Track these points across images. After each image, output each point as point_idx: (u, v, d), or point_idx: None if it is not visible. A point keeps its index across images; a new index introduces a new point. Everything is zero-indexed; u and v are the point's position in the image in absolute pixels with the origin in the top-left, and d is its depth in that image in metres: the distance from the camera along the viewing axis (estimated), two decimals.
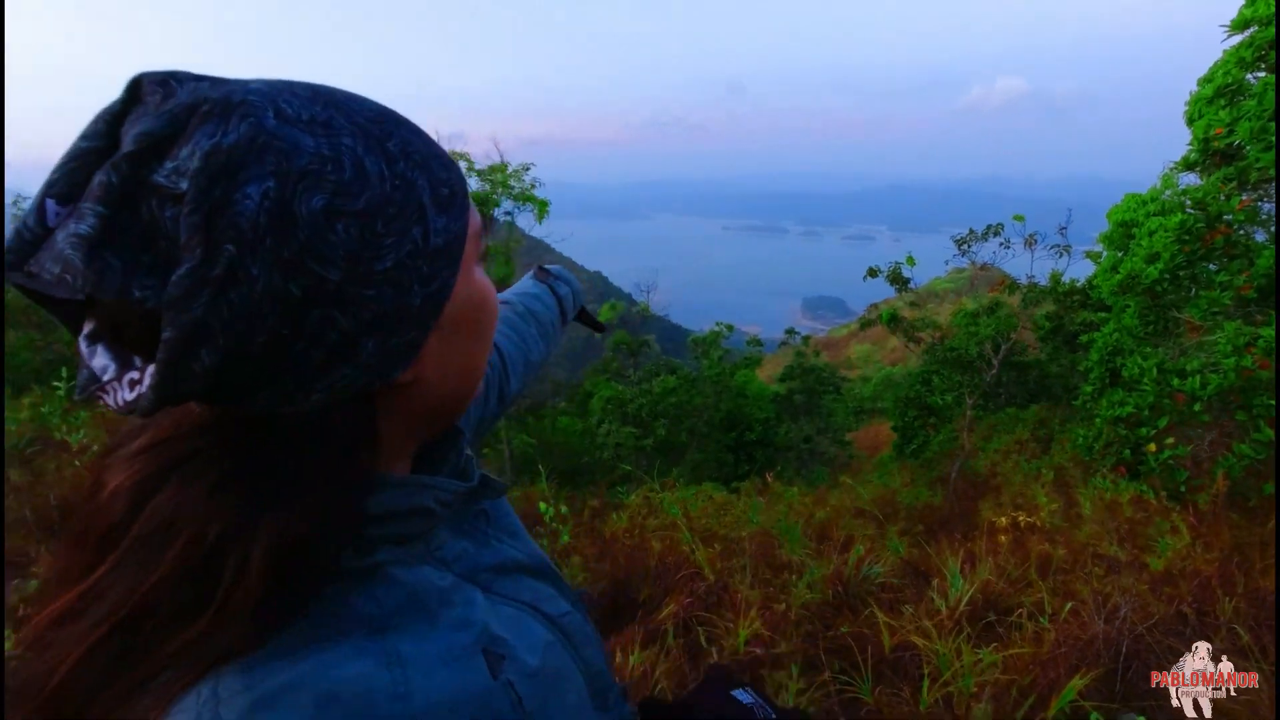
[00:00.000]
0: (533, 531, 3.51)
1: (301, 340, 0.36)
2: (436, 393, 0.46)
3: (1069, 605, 2.77)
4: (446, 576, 0.48)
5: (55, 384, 4.02)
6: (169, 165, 0.33)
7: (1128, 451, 5.10)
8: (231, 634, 0.35)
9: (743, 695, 0.67)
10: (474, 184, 11.05)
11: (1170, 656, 2.48)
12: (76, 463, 3.26)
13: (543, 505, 3.63)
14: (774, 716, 0.66)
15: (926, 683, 2.27)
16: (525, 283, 1.02)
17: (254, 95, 0.35)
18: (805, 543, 4.20)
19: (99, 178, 0.33)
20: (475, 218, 0.46)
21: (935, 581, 3.26)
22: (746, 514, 4.49)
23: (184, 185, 0.32)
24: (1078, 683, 2.21)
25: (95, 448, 3.83)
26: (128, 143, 0.33)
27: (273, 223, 0.33)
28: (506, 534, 0.59)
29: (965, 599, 2.95)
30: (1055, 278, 8.73)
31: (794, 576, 3.38)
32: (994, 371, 8.62)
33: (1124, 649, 2.49)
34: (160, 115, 0.33)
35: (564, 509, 3.80)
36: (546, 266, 1.05)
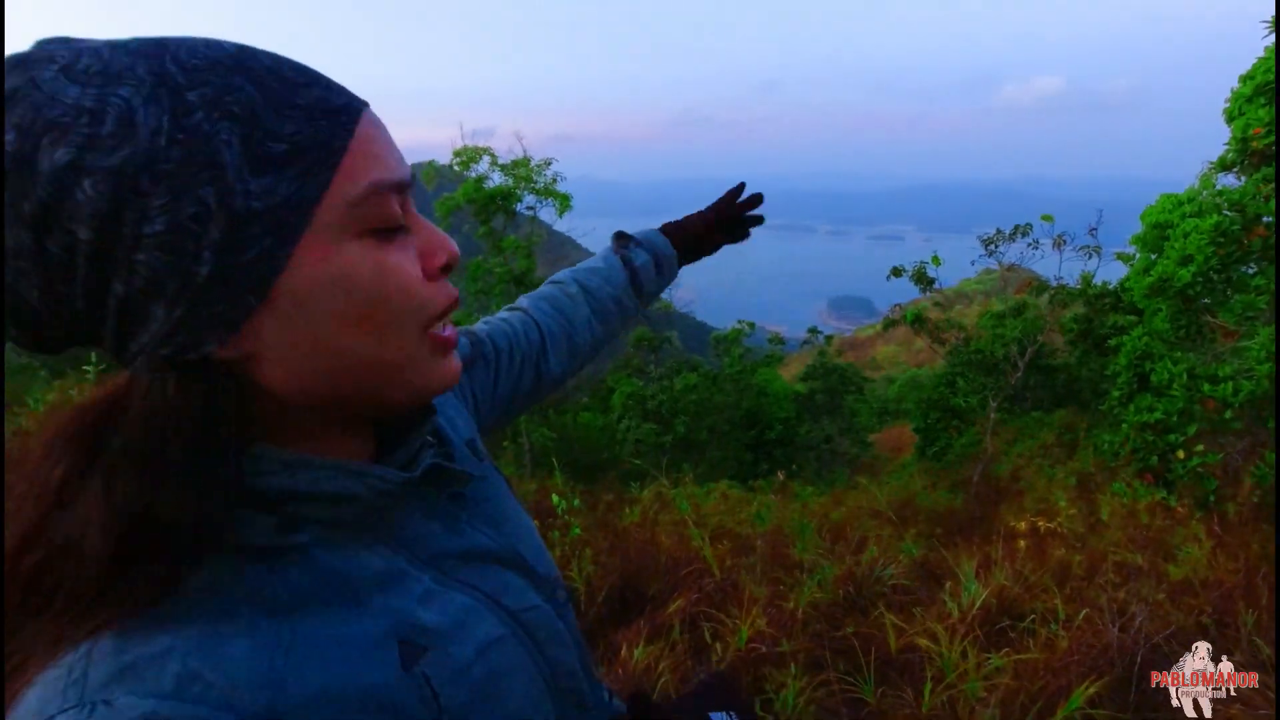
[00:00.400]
0: (545, 524, 3.55)
1: (80, 299, 0.35)
2: (296, 381, 0.40)
3: (1084, 612, 2.72)
4: (397, 561, 0.47)
5: (85, 368, 4.13)
6: None
7: (1155, 459, 4.98)
8: (93, 610, 0.35)
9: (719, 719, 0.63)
10: (496, 179, 11.13)
11: None
12: None
13: (555, 498, 3.65)
14: None
15: (929, 685, 2.25)
16: (597, 256, 0.96)
17: (54, 46, 0.35)
18: (819, 542, 4.18)
19: None
20: (362, 178, 0.39)
21: (948, 585, 3.22)
22: (760, 512, 4.48)
23: None
24: (1086, 690, 2.17)
25: None
26: None
27: (10, 176, 0.33)
28: (485, 521, 0.56)
29: (978, 603, 2.91)
30: (1086, 279, 8.55)
31: (805, 575, 3.36)
32: (1019, 374, 8.46)
33: (1139, 658, 2.43)
34: None
35: (576, 502, 3.82)
36: (626, 231, 0.96)
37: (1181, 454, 4.86)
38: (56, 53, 0.34)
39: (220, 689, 0.35)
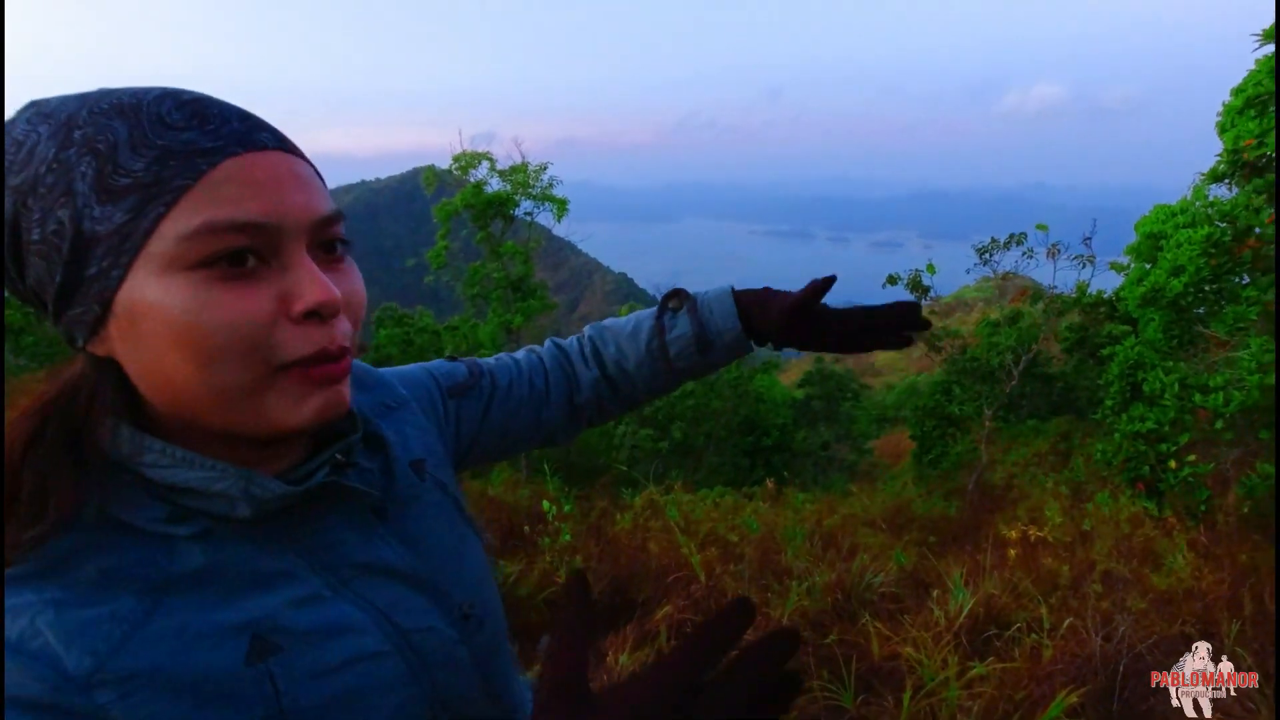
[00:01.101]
0: (535, 529, 3.56)
1: (17, 284, 0.45)
2: (149, 391, 0.45)
3: (1068, 621, 2.73)
4: (292, 563, 0.49)
5: None
6: None
7: (1147, 468, 4.99)
8: None
9: None
10: (495, 184, 11.17)
11: None
12: None
13: (545, 504, 3.67)
14: None
15: (909, 693, 2.26)
16: (637, 315, 0.86)
17: (55, 98, 0.44)
18: (810, 549, 4.18)
19: None
20: (197, 217, 0.42)
21: (936, 593, 3.23)
22: (750, 520, 4.49)
23: None
24: (1066, 699, 2.18)
25: None
26: None
27: None
28: (402, 539, 0.57)
29: (965, 611, 2.92)
30: (1081, 288, 8.57)
31: (794, 583, 3.37)
32: (1015, 382, 8.48)
33: (1122, 668, 2.44)
34: None
35: (569, 508, 3.83)
36: (684, 290, 0.83)
37: (1173, 463, 4.87)
38: (52, 99, 0.44)
39: (53, 648, 0.39)
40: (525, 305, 11.15)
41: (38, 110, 0.43)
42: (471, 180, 11.22)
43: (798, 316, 0.77)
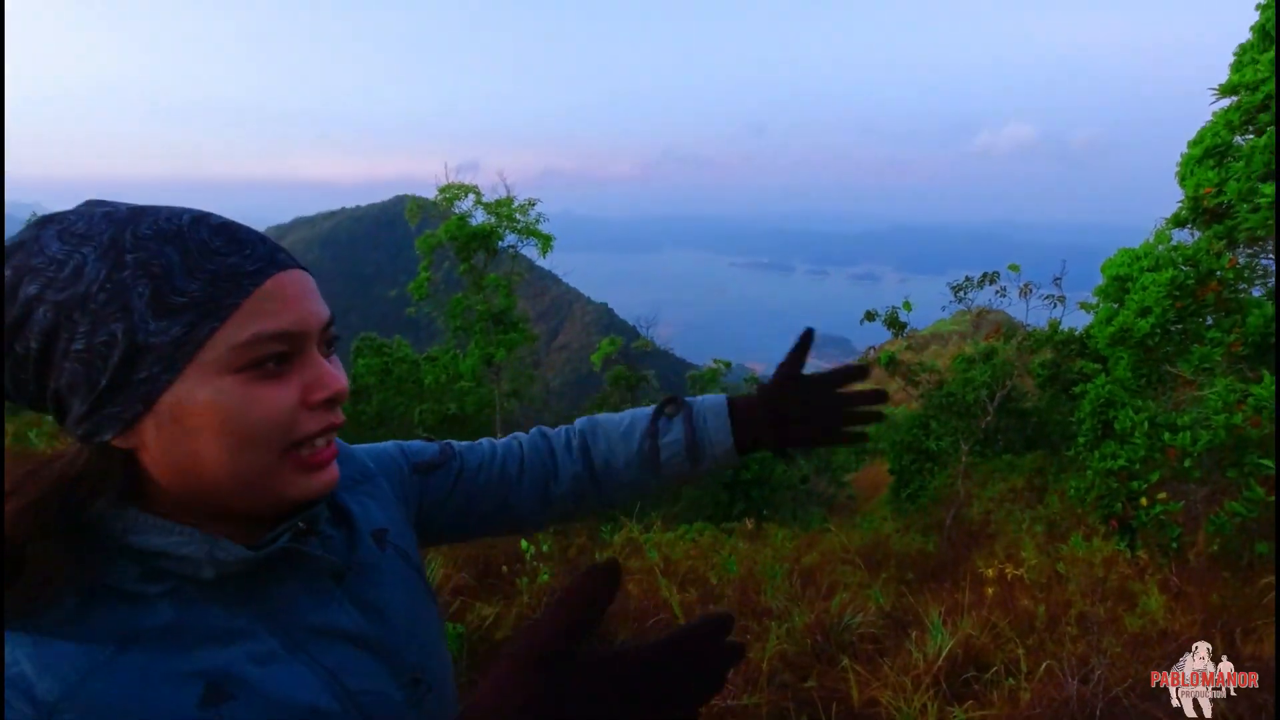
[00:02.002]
0: (513, 569, 3.51)
1: (31, 384, 0.50)
2: (171, 473, 0.52)
3: (1045, 664, 2.74)
4: (249, 623, 0.54)
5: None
6: None
7: (1119, 505, 5.06)
8: None
9: None
10: (480, 216, 11.22)
11: None
12: None
13: (524, 543, 3.62)
14: None
15: None
16: (633, 413, 0.87)
17: (72, 214, 0.51)
18: (790, 588, 4.17)
19: None
20: (248, 329, 0.50)
21: (915, 634, 3.23)
22: (729, 561, 4.46)
23: None
24: None
25: None
26: None
27: (7, 300, 0.48)
28: (358, 605, 0.61)
29: (944, 653, 2.92)
30: (1053, 326, 8.76)
31: (773, 623, 3.35)
32: (990, 417, 8.60)
33: (1098, 712, 2.45)
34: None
35: (546, 547, 3.79)
36: (679, 399, 0.85)
37: (1145, 501, 4.94)
38: (68, 216, 0.51)
39: (29, 679, 0.44)
40: (507, 338, 11.13)
41: (67, 229, 0.49)
42: (456, 212, 11.27)
43: (789, 382, 0.81)
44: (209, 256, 0.50)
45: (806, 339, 0.83)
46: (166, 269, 0.49)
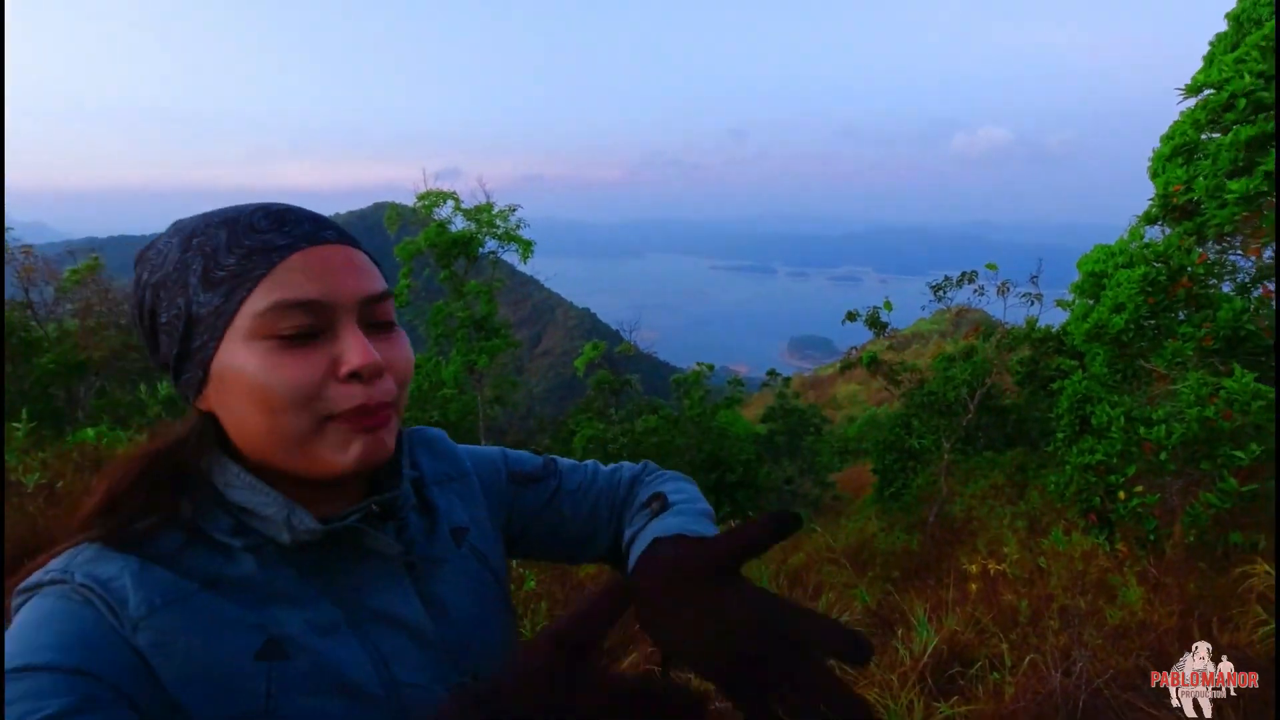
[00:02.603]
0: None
1: (156, 355, 0.59)
2: (234, 435, 0.57)
3: (1029, 658, 2.77)
4: (317, 595, 0.57)
5: (15, 425, 3.96)
6: None
7: (1098, 499, 5.13)
8: (88, 526, 0.54)
9: None
10: (459, 223, 11.16)
11: (1128, 711, 2.48)
12: (30, 508, 3.19)
13: None
14: None
15: None
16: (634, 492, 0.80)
17: (189, 218, 0.59)
18: (777, 589, 4.18)
19: None
20: (266, 299, 0.53)
21: (901, 631, 3.25)
22: None
23: None
24: None
25: (59, 484, 3.77)
26: None
27: (133, 287, 0.59)
28: (424, 598, 0.62)
29: (929, 649, 2.94)
30: (1031, 323, 8.88)
31: None
32: (970, 415, 8.69)
33: (1081, 703, 2.48)
34: None
35: None
36: (662, 496, 0.73)
37: (1122, 494, 5.01)
38: (187, 220, 0.59)
39: (125, 592, 0.50)
40: (489, 345, 11.08)
41: (177, 228, 0.58)
42: (436, 219, 11.20)
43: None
44: (249, 234, 0.55)
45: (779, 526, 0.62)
46: (214, 247, 0.55)
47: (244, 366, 0.53)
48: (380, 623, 0.59)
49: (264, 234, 0.55)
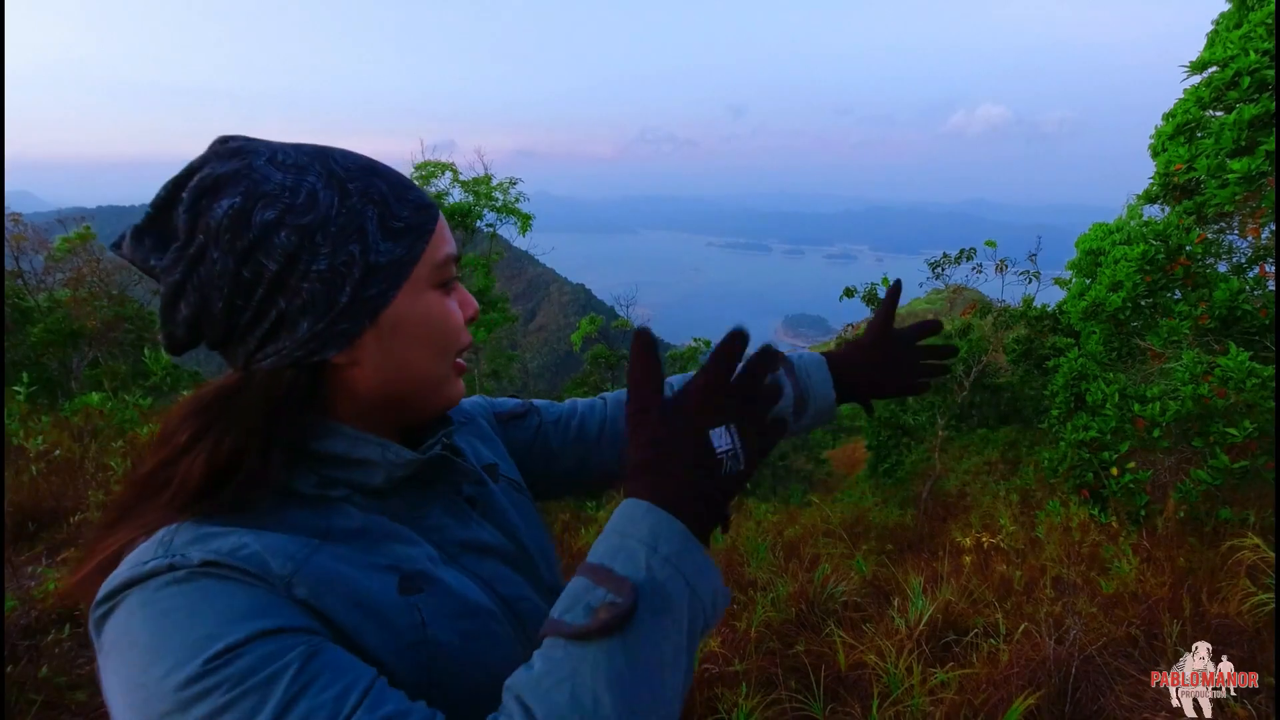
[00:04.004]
0: None
1: (250, 310, 0.52)
2: (377, 381, 0.57)
3: (1023, 626, 2.82)
4: (412, 534, 0.59)
5: (16, 389, 3.95)
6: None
7: (1091, 475, 5.19)
8: (187, 506, 0.51)
9: (720, 438, 0.52)
10: (457, 195, 11.06)
11: (1118, 677, 2.54)
12: (34, 469, 3.19)
13: None
14: (740, 469, 0.53)
15: (876, 701, 2.30)
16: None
17: (259, 145, 0.53)
18: (773, 561, 4.24)
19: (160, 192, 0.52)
20: (440, 251, 0.59)
21: (897, 601, 3.30)
22: (714, 533, 4.51)
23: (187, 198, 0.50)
24: (1024, 702, 2.25)
25: (57, 452, 3.77)
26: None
27: (232, 225, 0.50)
28: (492, 522, 0.68)
29: (925, 619, 2.99)
30: (1027, 302, 8.91)
31: (758, 594, 3.41)
32: (965, 393, 8.75)
33: (1074, 670, 2.54)
34: (202, 155, 0.53)
35: None
36: (778, 351, 0.68)
37: (1115, 470, 5.07)
38: (260, 147, 0.53)
39: (259, 557, 0.48)
40: (487, 319, 11.04)
41: (276, 160, 0.52)
42: (432, 190, 11.09)
43: (883, 338, 0.88)
44: (405, 188, 0.58)
45: (895, 293, 0.87)
46: (384, 197, 0.56)
47: (428, 311, 0.58)
48: (469, 552, 0.64)
49: (411, 189, 0.59)
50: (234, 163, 0.51)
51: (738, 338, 0.53)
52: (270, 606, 0.46)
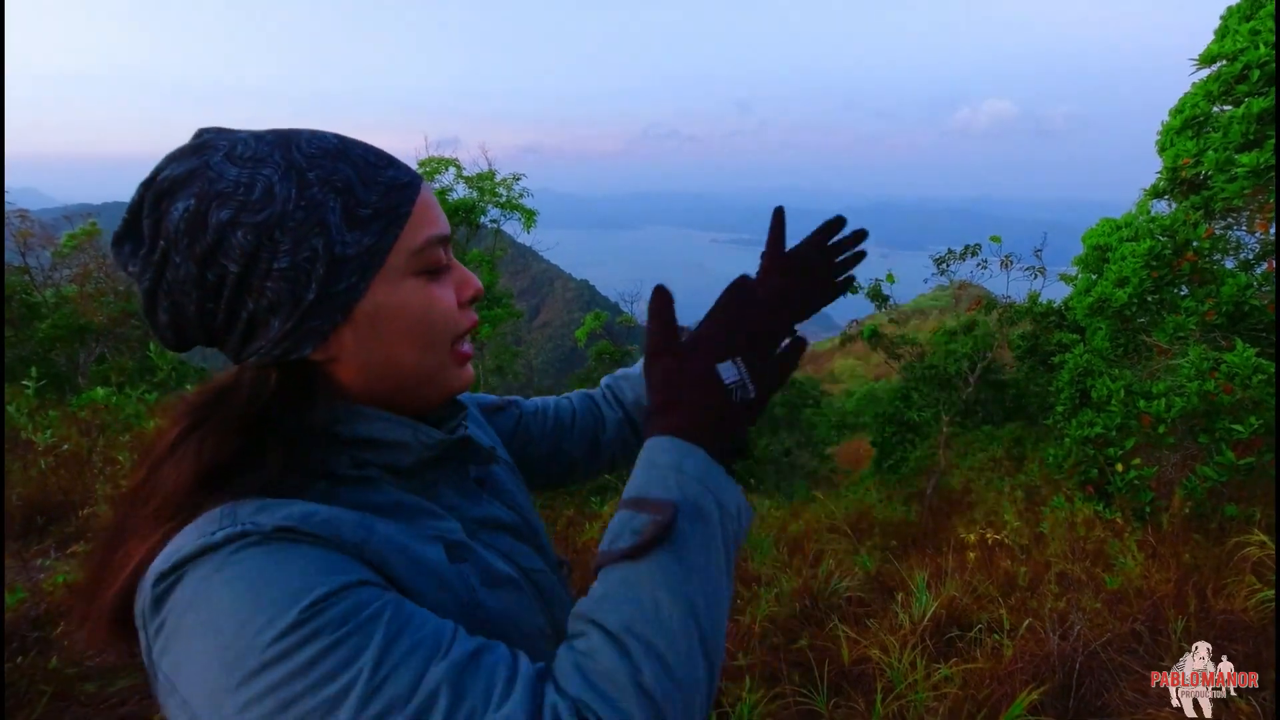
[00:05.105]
0: None
1: (221, 312, 0.51)
2: (364, 376, 0.56)
3: (1027, 622, 2.82)
4: (437, 509, 0.60)
5: (25, 383, 3.98)
6: None
7: (1095, 471, 5.18)
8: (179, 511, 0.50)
9: (728, 371, 0.57)
10: (461, 191, 11.06)
11: (1122, 673, 2.54)
12: (43, 462, 3.22)
13: None
14: (751, 398, 0.57)
15: (880, 696, 2.31)
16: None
17: (222, 139, 0.51)
18: (777, 556, 4.24)
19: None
20: (419, 235, 0.55)
21: (900, 596, 3.31)
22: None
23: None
24: (1028, 697, 2.25)
25: (65, 447, 3.80)
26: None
27: (189, 228, 0.48)
28: (501, 500, 0.70)
29: (929, 614, 2.99)
30: (1033, 298, 8.87)
31: (762, 589, 3.42)
32: (970, 389, 8.73)
33: (1078, 665, 2.54)
34: (169, 154, 0.51)
35: None
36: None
37: (1120, 467, 5.06)
38: (219, 142, 0.51)
39: (331, 523, 0.49)
40: (491, 314, 11.05)
41: (233, 154, 0.50)
42: (436, 186, 11.09)
43: (780, 261, 0.78)
44: (375, 170, 0.54)
45: (779, 218, 0.81)
46: (348, 183, 0.52)
47: (407, 302, 0.55)
48: (485, 528, 0.65)
49: (386, 169, 0.55)
50: (190, 161, 0.49)
51: (661, 299, 0.62)
52: (351, 565, 0.47)
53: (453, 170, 11.11)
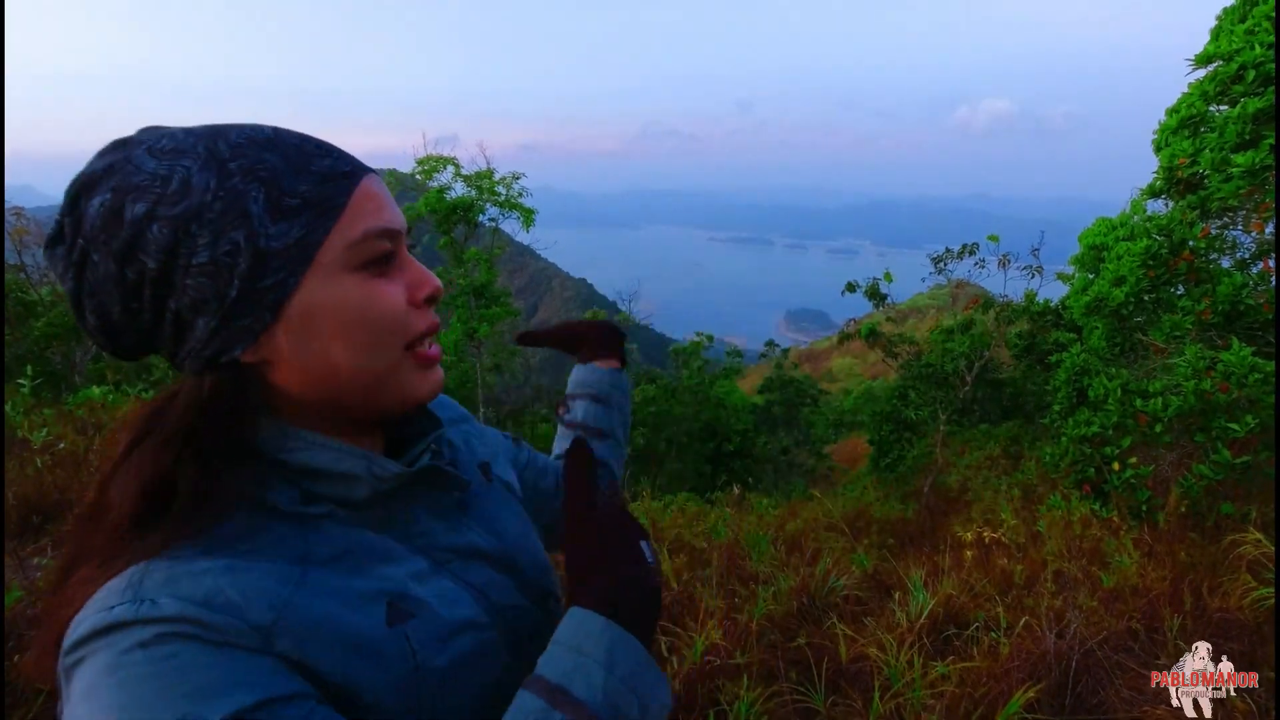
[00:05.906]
0: None
1: (146, 312, 0.48)
2: (304, 380, 0.52)
3: (1024, 620, 2.83)
4: (397, 546, 0.56)
5: (20, 382, 3.97)
6: None
7: (1092, 470, 5.20)
8: (130, 531, 0.47)
9: (646, 549, 0.57)
10: (459, 189, 11.05)
11: (1119, 671, 2.55)
12: (39, 461, 3.22)
13: None
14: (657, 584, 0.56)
15: (877, 694, 2.32)
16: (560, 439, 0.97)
17: (150, 134, 0.49)
18: (775, 554, 4.25)
19: None
20: (357, 227, 0.51)
21: (898, 595, 3.32)
22: (718, 525, 4.53)
23: None
24: (1024, 695, 2.26)
25: (62, 445, 3.80)
26: None
27: (105, 223, 0.46)
28: (484, 528, 0.65)
29: (926, 612, 3.00)
30: (1030, 297, 8.89)
31: (760, 587, 3.42)
32: (967, 388, 8.75)
33: (1074, 663, 2.55)
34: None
35: None
36: (561, 402, 0.96)
37: (1116, 465, 5.07)
38: (146, 137, 0.49)
39: (238, 603, 0.45)
40: (489, 313, 11.05)
41: (154, 147, 0.47)
42: (434, 185, 11.08)
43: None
44: (308, 158, 0.51)
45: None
46: (274, 173, 0.48)
47: (343, 299, 0.50)
48: (459, 558, 0.60)
49: (323, 159, 0.51)
50: (111, 156, 0.47)
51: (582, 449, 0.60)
52: (250, 673, 0.43)
53: (451, 169, 11.10)
